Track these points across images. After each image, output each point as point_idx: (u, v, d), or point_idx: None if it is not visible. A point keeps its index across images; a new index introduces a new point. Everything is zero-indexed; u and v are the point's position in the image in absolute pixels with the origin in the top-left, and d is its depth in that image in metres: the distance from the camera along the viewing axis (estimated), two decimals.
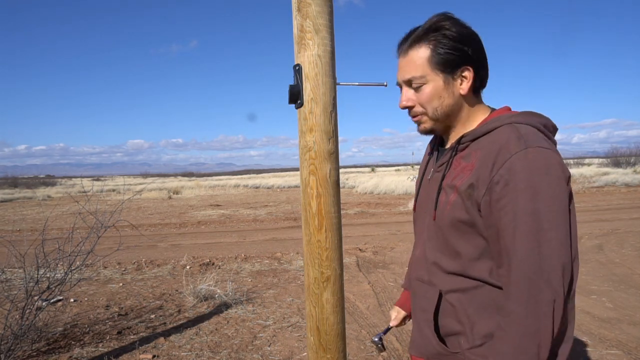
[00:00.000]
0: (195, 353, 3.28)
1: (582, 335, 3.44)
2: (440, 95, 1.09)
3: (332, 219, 1.48)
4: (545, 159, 0.94)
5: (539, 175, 0.93)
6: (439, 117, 1.11)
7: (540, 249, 0.91)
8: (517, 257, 0.94)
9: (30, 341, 3.29)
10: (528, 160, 0.93)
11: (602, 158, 48.69)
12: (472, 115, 1.12)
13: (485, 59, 1.09)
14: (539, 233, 0.92)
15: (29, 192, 28.91)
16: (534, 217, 0.92)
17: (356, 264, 6.06)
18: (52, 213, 14.15)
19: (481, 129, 1.06)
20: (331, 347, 1.49)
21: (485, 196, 0.98)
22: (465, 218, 1.03)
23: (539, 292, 0.91)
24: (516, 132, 0.99)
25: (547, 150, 0.95)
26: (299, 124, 1.49)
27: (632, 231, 7.97)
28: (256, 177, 44.16)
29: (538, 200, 0.92)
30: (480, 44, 1.08)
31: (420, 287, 1.19)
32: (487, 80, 1.12)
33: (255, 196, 22.18)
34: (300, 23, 1.40)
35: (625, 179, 19.57)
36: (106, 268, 6.14)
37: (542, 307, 0.91)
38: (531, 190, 0.92)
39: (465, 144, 1.08)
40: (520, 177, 0.93)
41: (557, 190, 0.93)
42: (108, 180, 60.35)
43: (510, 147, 0.96)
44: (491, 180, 0.97)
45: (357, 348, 3.30)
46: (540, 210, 0.92)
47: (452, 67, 1.06)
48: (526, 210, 0.92)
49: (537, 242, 0.92)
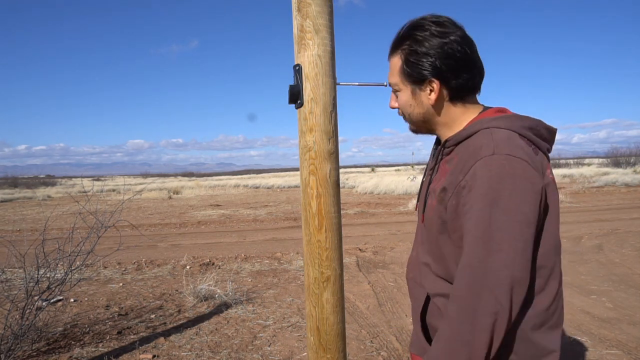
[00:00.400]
0: (195, 353, 3.28)
1: (582, 335, 3.44)
2: (410, 104, 1.11)
3: (332, 219, 1.48)
4: (511, 168, 0.90)
5: (500, 183, 0.89)
6: (414, 121, 1.14)
7: (488, 259, 0.88)
8: (464, 263, 0.92)
9: (30, 341, 3.29)
10: (491, 167, 0.91)
11: (602, 158, 48.69)
12: (458, 118, 1.09)
13: (462, 66, 1.04)
14: (489, 242, 0.88)
15: (29, 192, 28.91)
16: (486, 226, 0.89)
17: (356, 264, 6.06)
18: (52, 213, 14.15)
19: (462, 133, 1.05)
20: (331, 347, 1.49)
21: (451, 200, 0.97)
22: (442, 222, 1.03)
23: (479, 302, 0.88)
24: (489, 138, 0.96)
25: (515, 158, 0.91)
26: (299, 124, 1.49)
27: (632, 231, 7.97)
28: (256, 177, 44.16)
29: (494, 209, 0.89)
30: (458, 53, 1.03)
31: (414, 287, 1.21)
32: (469, 86, 1.07)
33: (255, 196, 22.18)
34: (300, 23, 1.41)
35: (625, 179, 19.57)
36: (106, 268, 6.14)
37: (480, 317, 0.88)
38: (488, 198, 0.89)
39: (450, 148, 1.08)
40: (480, 183, 0.91)
41: (518, 201, 0.89)
42: (108, 180, 60.36)
43: (479, 152, 0.94)
44: (458, 185, 0.96)
45: (357, 348, 3.30)
46: (495, 219, 0.88)
47: (417, 79, 1.07)
48: (480, 218, 0.90)
49: (485, 252, 0.89)
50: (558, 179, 24.33)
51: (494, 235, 0.88)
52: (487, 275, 0.88)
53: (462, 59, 1.04)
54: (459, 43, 1.03)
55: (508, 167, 0.90)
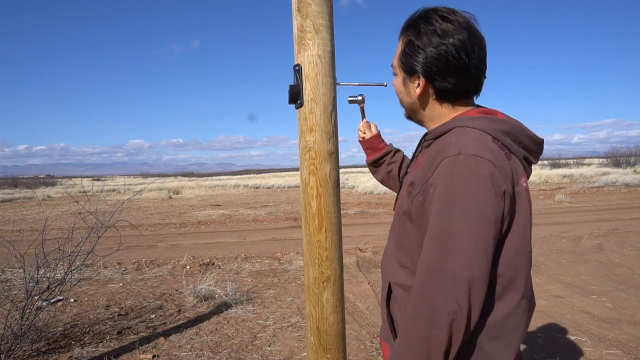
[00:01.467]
0: (195, 353, 3.28)
1: (582, 335, 3.44)
2: (402, 91, 1.13)
3: (332, 219, 1.48)
4: (476, 169, 0.89)
5: (462, 184, 0.88)
6: (404, 107, 1.17)
7: (446, 258, 0.88)
8: (422, 261, 0.92)
9: (30, 341, 3.29)
10: (454, 167, 0.90)
11: (602, 158, 48.71)
12: (444, 115, 1.08)
13: (451, 71, 1.01)
14: (447, 242, 0.88)
15: (29, 192, 28.90)
16: (445, 226, 0.89)
17: (356, 264, 6.06)
18: (52, 213, 14.15)
19: (440, 129, 1.05)
20: (331, 347, 1.49)
21: (418, 196, 0.98)
22: (407, 213, 1.04)
23: (435, 300, 0.88)
24: (459, 136, 0.96)
25: (481, 159, 0.90)
26: (299, 124, 1.49)
27: (632, 231, 7.97)
28: (256, 177, 44.15)
29: (453, 209, 0.88)
30: (448, 55, 1.00)
31: (383, 273, 1.23)
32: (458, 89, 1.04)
33: (255, 196, 22.18)
34: (300, 23, 1.40)
35: (625, 179, 19.57)
36: (106, 268, 6.14)
37: (438, 315, 0.87)
38: (448, 198, 0.89)
39: (430, 141, 1.08)
40: (442, 182, 0.91)
41: (479, 202, 0.87)
42: (108, 180, 60.33)
43: (446, 150, 0.94)
44: (426, 182, 0.96)
45: (357, 348, 3.30)
46: (454, 220, 0.88)
47: (408, 70, 1.08)
48: (439, 218, 0.90)
49: (443, 251, 0.88)
50: (558, 178, 24.31)
51: (453, 235, 0.88)
52: (445, 275, 0.87)
53: (454, 64, 1.01)
54: (456, 47, 1.00)
55: (473, 167, 0.89)
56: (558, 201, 13.36)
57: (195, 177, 62.52)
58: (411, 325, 0.92)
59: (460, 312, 0.87)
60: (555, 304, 4.18)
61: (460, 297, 0.87)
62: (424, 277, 0.91)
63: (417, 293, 0.92)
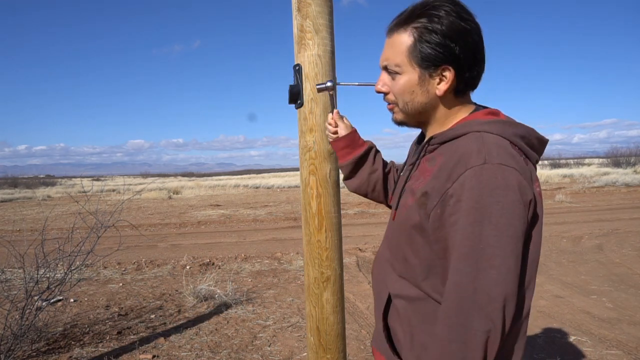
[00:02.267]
0: (195, 353, 3.28)
1: (582, 335, 3.44)
2: (413, 91, 0.99)
3: (332, 219, 1.48)
4: (503, 179, 0.84)
5: (491, 196, 0.84)
6: (409, 111, 1.03)
7: (478, 276, 0.84)
8: (452, 281, 0.87)
9: (30, 341, 3.29)
10: (481, 178, 0.85)
11: (602, 158, 48.71)
12: (452, 115, 1.02)
13: (477, 59, 0.97)
14: (479, 260, 0.84)
15: (29, 192, 28.89)
16: (476, 242, 0.84)
17: (356, 264, 6.06)
18: (52, 213, 14.15)
19: (450, 133, 0.97)
20: (331, 347, 1.49)
21: (436, 208, 0.90)
22: (417, 226, 0.96)
23: (470, 321, 0.85)
24: (479, 143, 0.89)
25: (508, 168, 0.86)
26: (299, 124, 1.49)
27: (632, 231, 7.97)
28: (256, 177, 44.14)
29: (484, 224, 0.83)
30: (474, 42, 0.95)
31: (377, 283, 1.16)
32: (477, 82, 1.00)
33: (255, 196, 22.17)
34: (300, 23, 1.40)
35: (625, 179, 19.57)
36: (106, 268, 6.14)
37: (472, 336, 0.84)
38: (478, 212, 0.84)
39: (434, 146, 1.00)
40: (469, 195, 0.85)
41: (509, 215, 0.84)
42: (108, 180, 60.29)
43: (468, 160, 0.87)
44: (445, 193, 0.89)
45: (357, 348, 3.30)
46: (485, 235, 0.84)
47: (431, 64, 0.95)
48: (469, 234, 0.85)
49: (475, 269, 0.84)
50: (558, 178, 24.32)
51: (485, 251, 0.84)
52: (478, 294, 0.84)
53: (479, 51, 0.96)
54: (476, 32, 0.95)
55: (500, 177, 0.85)
56: (558, 201, 13.36)
57: (195, 177, 62.52)
58: (444, 351, 0.88)
59: (495, 330, 0.84)
60: (555, 304, 4.18)
61: (495, 315, 0.83)
62: (456, 298, 0.86)
63: (448, 314, 0.87)
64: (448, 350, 0.87)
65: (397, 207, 1.05)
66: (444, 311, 0.89)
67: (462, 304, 0.85)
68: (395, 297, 1.07)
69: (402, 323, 1.04)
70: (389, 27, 1.01)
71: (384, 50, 1.03)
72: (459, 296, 0.86)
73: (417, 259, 0.99)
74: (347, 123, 1.32)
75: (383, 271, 1.13)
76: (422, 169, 1.00)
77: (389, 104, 1.07)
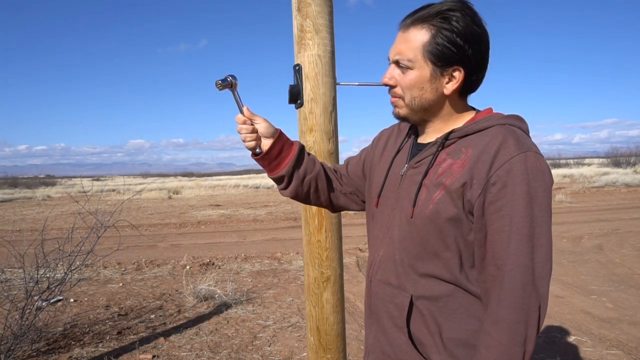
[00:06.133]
0: (195, 353, 3.28)
1: (582, 335, 3.44)
2: (423, 87, 1.01)
3: (332, 219, 1.48)
4: (540, 165, 0.93)
5: (536, 180, 0.91)
6: (414, 107, 1.04)
7: (534, 255, 0.90)
8: (512, 263, 0.91)
9: (30, 341, 3.29)
10: (528, 165, 0.91)
11: (603, 158, 48.70)
12: (456, 114, 1.06)
13: (484, 64, 1.02)
14: (533, 239, 0.90)
15: (29, 192, 28.89)
16: (530, 223, 0.90)
17: (356, 264, 6.06)
18: (52, 213, 14.15)
19: (471, 127, 1.01)
20: (331, 347, 1.49)
21: (480, 197, 0.94)
22: (453, 217, 0.97)
23: (530, 299, 0.90)
24: (514, 134, 0.96)
25: (540, 156, 0.95)
26: (299, 124, 1.48)
27: (632, 231, 7.97)
28: (256, 177, 44.12)
29: (534, 205, 0.91)
30: (485, 47, 1.01)
31: (385, 290, 1.09)
32: (478, 86, 1.06)
33: (255, 196, 22.16)
34: (300, 23, 1.40)
35: (626, 179, 19.57)
36: (106, 268, 6.14)
37: (531, 314, 0.90)
38: (529, 195, 0.91)
39: (453, 140, 1.02)
40: (519, 180, 0.91)
41: (548, 196, 0.93)
42: (108, 180, 60.29)
43: (510, 148, 0.93)
44: (488, 181, 0.92)
45: (357, 348, 3.30)
46: (536, 215, 0.91)
47: (444, 62, 0.98)
48: (523, 215, 0.90)
49: (531, 248, 0.90)
50: (558, 178, 24.32)
51: (536, 231, 0.91)
52: (535, 273, 0.90)
53: (487, 57, 1.02)
54: (487, 39, 1.01)
55: (538, 163, 0.93)
56: (558, 201, 13.35)
57: (195, 177, 62.51)
58: (512, 332, 0.90)
59: (543, 305, 0.91)
60: (555, 304, 4.18)
61: (544, 291, 0.91)
62: (522, 279, 0.90)
63: (510, 296, 0.91)
64: (516, 332, 0.90)
65: (414, 205, 1.03)
66: (506, 297, 0.91)
67: (525, 285, 0.90)
68: (418, 299, 1.04)
69: (428, 324, 1.02)
70: (405, 21, 1.02)
71: (396, 43, 1.03)
72: (521, 278, 0.90)
73: (449, 252, 1.00)
74: (263, 117, 1.19)
75: (397, 276, 1.07)
76: (445, 164, 1.01)
77: (393, 97, 1.07)
